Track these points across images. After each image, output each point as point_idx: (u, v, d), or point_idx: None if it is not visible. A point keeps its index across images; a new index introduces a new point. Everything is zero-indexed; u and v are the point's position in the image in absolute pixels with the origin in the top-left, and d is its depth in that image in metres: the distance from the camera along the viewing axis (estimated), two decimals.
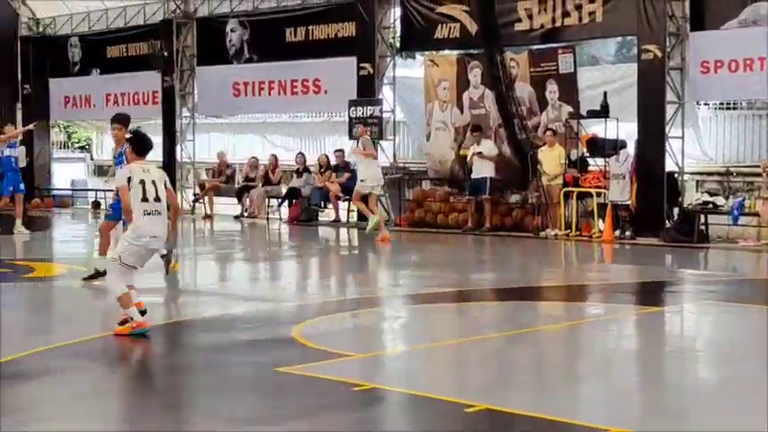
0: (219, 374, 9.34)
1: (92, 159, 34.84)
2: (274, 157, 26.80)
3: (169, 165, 28.23)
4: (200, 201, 27.49)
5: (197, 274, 17.81)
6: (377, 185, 21.00)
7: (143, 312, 10.91)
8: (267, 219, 26.03)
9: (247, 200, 26.48)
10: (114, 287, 10.99)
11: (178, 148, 28.23)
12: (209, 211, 26.86)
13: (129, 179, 10.82)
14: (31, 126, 24.83)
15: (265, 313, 12.89)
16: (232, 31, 26.88)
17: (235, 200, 27.16)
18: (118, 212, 13.00)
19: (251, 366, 9.65)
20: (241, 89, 27.02)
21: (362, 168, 21.16)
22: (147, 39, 28.45)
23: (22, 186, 22.51)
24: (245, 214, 26.35)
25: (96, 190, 30.46)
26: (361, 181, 20.98)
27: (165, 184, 10.99)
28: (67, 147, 36.41)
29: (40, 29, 31.56)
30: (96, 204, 29.90)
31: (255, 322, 12.10)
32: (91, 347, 10.56)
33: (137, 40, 29.07)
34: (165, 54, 27.56)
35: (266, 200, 26.37)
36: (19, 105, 31.63)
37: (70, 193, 31.77)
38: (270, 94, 26.61)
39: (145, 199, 10.80)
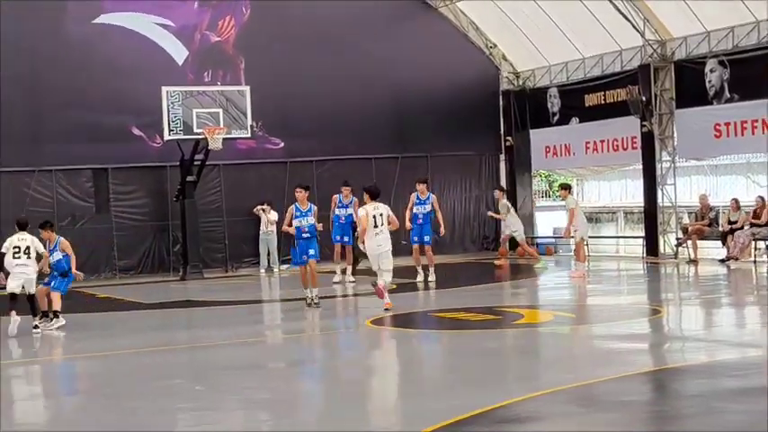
0: (714, 423, 9.08)
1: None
2: (761, 198, 25.83)
3: (650, 209, 28.06)
4: (684, 245, 27.02)
5: (682, 320, 17.50)
6: (517, 231, 27.59)
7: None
8: (754, 262, 25.11)
9: (732, 243, 25.68)
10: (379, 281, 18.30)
11: (659, 192, 27.95)
12: (692, 256, 26.33)
13: (366, 213, 18.17)
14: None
15: (756, 360, 12.38)
16: (711, 71, 26.30)
17: (719, 243, 26.44)
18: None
19: (747, 415, 9.29)
20: (722, 130, 26.30)
21: (511, 221, 27.63)
22: (625, 85, 28.45)
23: (311, 252, 19.47)
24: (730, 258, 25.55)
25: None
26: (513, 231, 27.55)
27: (388, 215, 18.29)
28: (549, 195, 37.20)
29: (520, 82, 32.56)
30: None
31: (746, 369, 11.66)
32: (580, 393, 10.65)
33: (614, 86, 29.18)
34: (644, 99, 27.47)
35: (753, 243, 25.44)
36: (502, 157, 32.78)
37: (553, 240, 32.34)
38: (753, 133, 25.67)
39: (375, 225, 18.13)
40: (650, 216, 28.16)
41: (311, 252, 19.11)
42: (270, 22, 28.99)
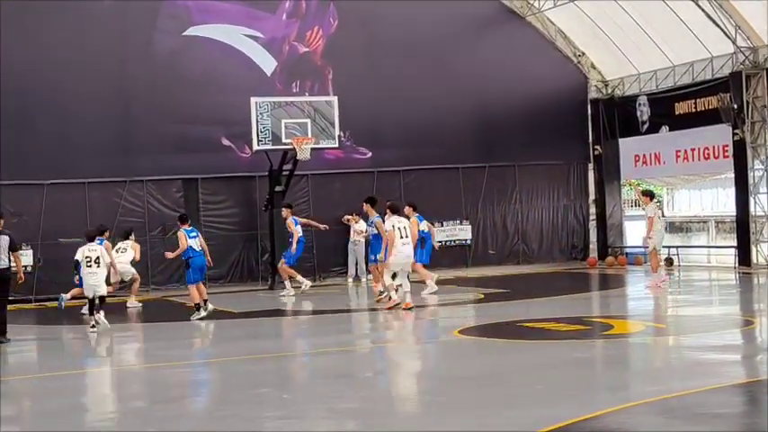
0: None
1: (663, 216, 34.78)
2: None
3: (742, 218, 27.58)
4: None
5: None
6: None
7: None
8: None
9: None
10: (386, 280, 20.40)
11: (751, 200, 27.46)
12: None
13: (393, 227, 20.05)
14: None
15: None
16: None
17: None
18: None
19: None
20: None
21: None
22: (716, 92, 28.01)
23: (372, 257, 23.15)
24: None
25: (669, 246, 30.30)
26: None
27: (409, 227, 20.33)
28: (638, 205, 36.74)
29: (609, 90, 32.25)
30: (669, 261, 29.75)
31: None
32: (671, 405, 10.50)
33: (705, 94, 28.75)
34: (735, 107, 27.03)
35: None
36: (591, 166, 32.50)
37: (642, 250, 31.93)
38: None
39: (401, 237, 20.03)
40: (742, 225, 27.68)
41: (372, 257, 23.26)
42: (357, 33, 29.13)
